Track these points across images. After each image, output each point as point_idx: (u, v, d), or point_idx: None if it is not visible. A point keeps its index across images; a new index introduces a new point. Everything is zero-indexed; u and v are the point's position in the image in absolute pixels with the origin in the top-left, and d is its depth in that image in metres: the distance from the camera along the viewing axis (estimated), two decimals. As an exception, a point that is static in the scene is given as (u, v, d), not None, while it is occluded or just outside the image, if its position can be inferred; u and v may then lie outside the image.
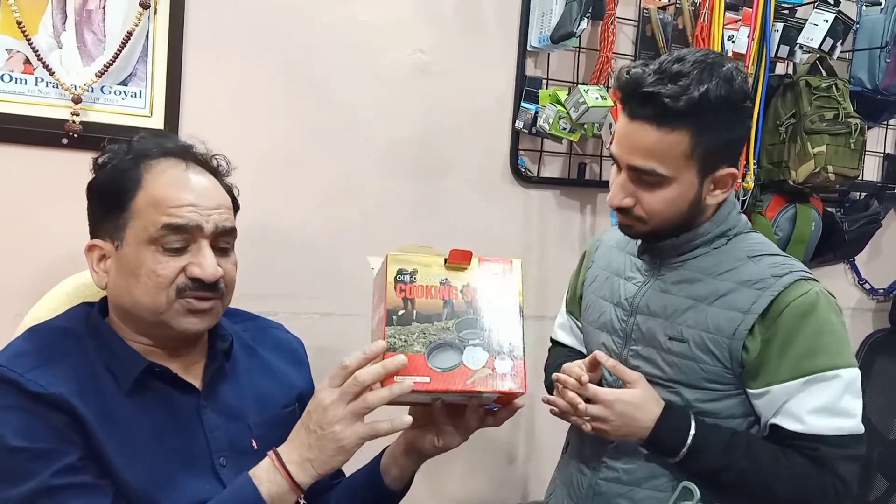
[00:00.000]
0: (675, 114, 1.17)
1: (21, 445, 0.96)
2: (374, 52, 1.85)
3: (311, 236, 1.81)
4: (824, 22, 2.01)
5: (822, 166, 2.12)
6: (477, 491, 2.09)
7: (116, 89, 1.60)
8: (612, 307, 1.37)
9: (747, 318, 1.22)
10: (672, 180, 1.21)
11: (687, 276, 1.29)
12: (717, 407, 1.27)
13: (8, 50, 1.52)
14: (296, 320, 1.79)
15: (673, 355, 1.27)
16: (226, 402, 1.15)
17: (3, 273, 1.56)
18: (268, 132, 1.77)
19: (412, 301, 1.03)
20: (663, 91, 1.17)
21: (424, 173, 1.94)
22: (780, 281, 1.23)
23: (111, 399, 1.04)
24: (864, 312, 2.63)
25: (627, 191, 1.24)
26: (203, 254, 1.06)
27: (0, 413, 0.98)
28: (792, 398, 1.20)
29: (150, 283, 1.05)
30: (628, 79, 1.21)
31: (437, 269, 1.06)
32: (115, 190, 1.08)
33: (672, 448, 1.24)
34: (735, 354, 1.23)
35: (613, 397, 1.24)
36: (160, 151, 1.11)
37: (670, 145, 1.19)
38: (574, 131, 1.95)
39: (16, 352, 1.05)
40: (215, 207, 1.09)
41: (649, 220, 1.25)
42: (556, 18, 1.90)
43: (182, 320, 1.07)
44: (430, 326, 1.02)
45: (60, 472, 0.96)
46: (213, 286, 1.07)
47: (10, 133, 1.53)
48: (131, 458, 1.02)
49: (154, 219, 1.05)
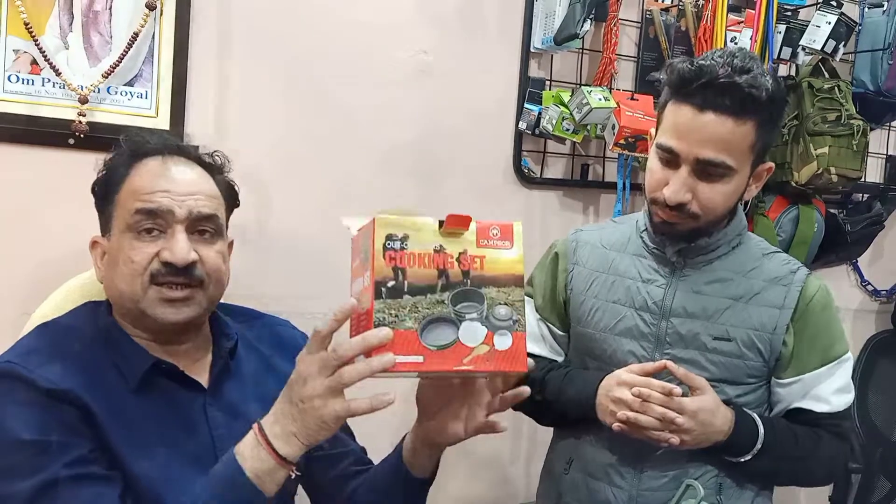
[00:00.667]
0: (755, 104, 1.19)
1: (32, 439, 0.98)
2: (377, 54, 1.86)
3: (314, 236, 1.82)
4: (827, 24, 2.02)
5: (825, 168, 2.12)
6: (480, 491, 2.09)
7: (122, 90, 1.61)
8: (632, 311, 1.35)
9: (783, 314, 1.31)
10: (736, 173, 1.24)
11: (718, 275, 1.33)
12: (750, 398, 1.34)
13: (15, 51, 1.53)
14: (299, 319, 1.79)
15: (719, 354, 1.31)
16: (230, 400, 1.16)
17: (10, 271, 1.58)
18: (272, 133, 1.78)
19: (403, 271, 0.92)
20: (740, 81, 1.18)
21: (428, 174, 1.94)
22: (797, 276, 1.34)
23: (119, 395, 1.06)
24: (866, 314, 2.63)
25: (689, 186, 1.24)
26: (175, 238, 1.08)
27: (11, 408, 1.00)
28: (820, 383, 1.33)
29: (127, 269, 1.08)
30: (694, 70, 1.21)
31: (430, 234, 0.95)
32: (106, 186, 1.14)
33: (743, 449, 1.29)
34: (776, 348, 1.32)
35: (696, 406, 1.24)
36: (153, 149, 1.15)
37: (742, 136, 1.22)
38: (577, 132, 1.96)
39: (26, 349, 1.08)
40: (191, 193, 1.11)
41: (703, 215, 1.26)
42: (559, 20, 1.91)
43: (158, 310, 1.08)
44: (424, 300, 0.92)
45: (71, 464, 0.98)
46: (186, 272, 1.08)
47: (17, 133, 1.55)
48: (139, 453, 1.04)
49: (130, 206, 1.09)
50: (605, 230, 1.48)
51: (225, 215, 1.19)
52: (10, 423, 0.99)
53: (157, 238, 1.09)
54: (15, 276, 1.58)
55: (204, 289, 1.11)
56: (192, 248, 1.09)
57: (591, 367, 1.41)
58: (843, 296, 2.58)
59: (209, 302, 1.14)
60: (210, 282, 1.12)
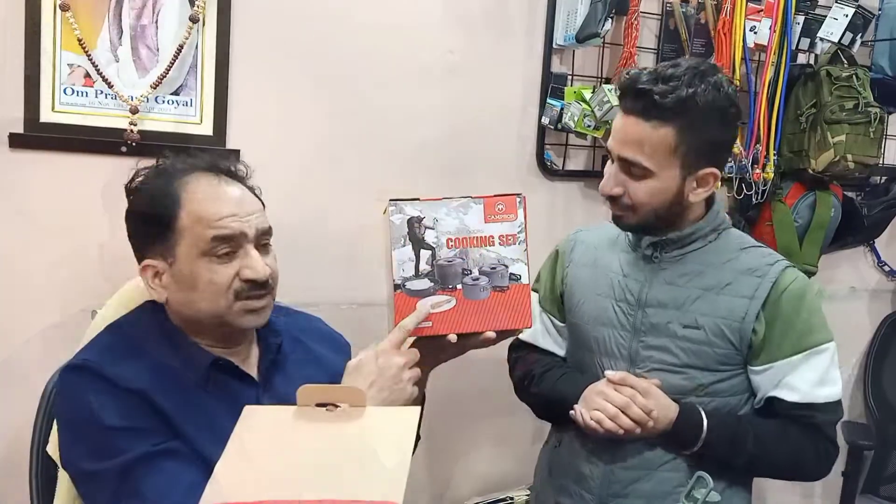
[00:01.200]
0: (663, 110, 1.28)
1: (121, 425, 1.09)
2: (406, 56, 1.94)
3: (348, 232, 1.92)
4: (844, 17, 2.06)
5: (842, 155, 2.17)
6: (503, 470, 2.20)
7: (169, 99, 1.71)
8: (612, 302, 1.45)
9: (753, 303, 1.36)
10: (655, 174, 1.32)
11: (690, 268, 1.40)
12: (724, 386, 1.40)
13: (70, 65, 1.63)
14: (336, 311, 1.91)
15: (688, 342, 1.38)
16: (279, 390, 1.26)
17: (71, 271, 1.69)
18: (308, 135, 1.87)
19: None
20: (654, 89, 1.28)
21: (455, 168, 2.03)
22: (773, 268, 1.38)
23: (187, 389, 1.17)
24: (882, 293, 2.69)
25: (618, 180, 1.36)
26: (251, 256, 1.18)
27: (96, 396, 1.10)
28: (791, 372, 1.36)
29: (209, 292, 1.16)
30: (626, 78, 1.33)
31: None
32: (158, 213, 1.17)
33: (688, 441, 1.36)
34: (745, 336, 1.36)
35: (647, 384, 1.35)
36: (188, 168, 1.21)
37: (657, 140, 1.30)
38: (598, 128, 2.02)
39: (101, 347, 1.19)
40: (252, 212, 1.20)
41: (636, 209, 1.35)
42: (581, 18, 1.96)
43: (242, 320, 1.19)
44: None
45: (157, 444, 1.09)
46: (264, 284, 1.19)
47: (73, 142, 1.65)
48: (210, 440, 1.12)
49: (202, 234, 1.15)
50: (601, 230, 1.57)
51: None
52: (96, 410, 1.09)
53: (232, 258, 1.18)
54: (74, 275, 1.70)
55: (273, 294, 1.23)
56: (265, 262, 1.19)
57: (585, 359, 1.51)
58: (860, 276, 2.64)
59: (274, 302, 1.26)
60: (274, 286, 1.24)
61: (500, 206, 1.22)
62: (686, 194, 1.35)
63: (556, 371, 1.52)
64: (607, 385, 1.36)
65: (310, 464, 0.93)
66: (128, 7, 1.65)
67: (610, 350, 1.45)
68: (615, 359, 1.44)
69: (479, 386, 2.07)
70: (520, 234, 1.22)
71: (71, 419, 1.13)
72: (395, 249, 1.21)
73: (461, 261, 1.21)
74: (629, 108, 1.32)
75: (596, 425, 1.34)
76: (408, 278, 1.21)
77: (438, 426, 2.05)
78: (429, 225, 1.21)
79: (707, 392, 1.39)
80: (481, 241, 1.21)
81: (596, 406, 1.35)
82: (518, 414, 2.20)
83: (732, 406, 1.41)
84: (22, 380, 1.64)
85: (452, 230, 1.21)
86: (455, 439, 2.16)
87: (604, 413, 1.33)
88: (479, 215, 1.22)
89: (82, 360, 1.15)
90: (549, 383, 1.51)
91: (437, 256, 1.21)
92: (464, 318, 1.21)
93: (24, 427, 1.39)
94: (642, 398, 1.33)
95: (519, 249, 1.22)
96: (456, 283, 1.21)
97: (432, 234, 1.21)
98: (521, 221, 1.22)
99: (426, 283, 1.21)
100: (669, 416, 1.35)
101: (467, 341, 1.23)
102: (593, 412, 1.35)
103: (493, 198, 1.22)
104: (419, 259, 1.21)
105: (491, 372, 1.77)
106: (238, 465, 0.94)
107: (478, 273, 1.21)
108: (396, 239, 1.21)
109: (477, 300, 1.21)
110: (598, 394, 1.36)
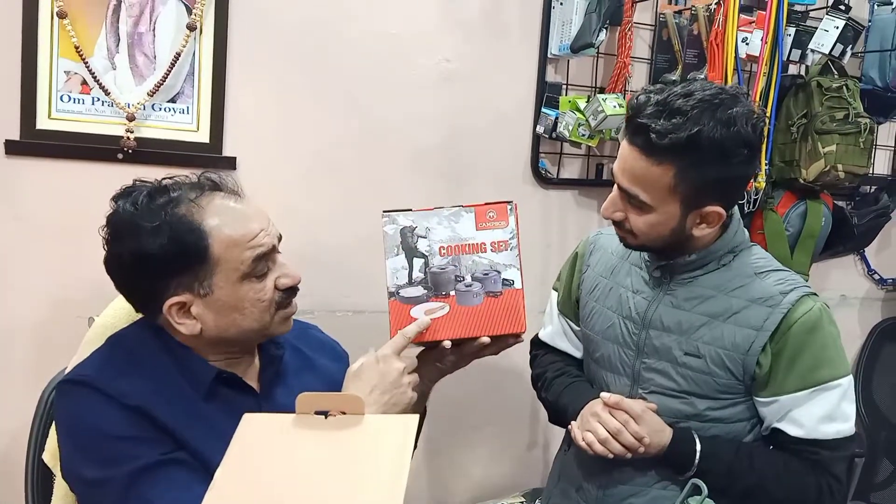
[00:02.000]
0: (660, 149, 1.21)
1: (127, 434, 1.08)
2: (403, 63, 1.95)
3: (344, 238, 1.93)
4: (835, 28, 2.08)
5: (832, 165, 2.18)
6: (500, 475, 2.21)
7: (166, 106, 1.71)
8: (619, 319, 1.42)
9: (761, 336, 1.30)
10: (654, 208, 1.27)
11: (699, 292, 1.35)
12: (725, 413, 1.36)
13: (66, 72, 1.64)
14: (331, 318, 1.92)
15: (688, 369, 1.34)
16: (279, 401, 1.26)
17: (66, 278, 1.70)
18: (304, 142, 1.88)
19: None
20: (653, 126, 1.20)
21: (451, 175, 2.04)
22: (788, 298, 1.30)
23: (191, 402, 1.15)
24: (873, 302, 2.71)
25: (618, 206, 1.32)
26: (283, 264, 1.20)
27: (99, 407, 1.09)
28: (797, 407, 1.30)
29: (257, 310, 1.17)
30: (634, 104, 1.26)
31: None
32: (183, 250, 1.11)
33: (681, 466, 1.34)
34: (749, 369, 1.31)
35: (641, 409, 1.33)
36: (193, 195, 1.15)
37: (655, 177, 1.23)
38: (593, 137, 2.04)
39: (101, 362, 1.17)
40: (269, 221, 1.20)
41: (637, 236, 1.32)
42: (575, 28, 1.98)
43: (282, 327, 1.22)
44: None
45: (166, 453, 1.08)
46: (296, 288, 1.22)
47: (70, 149, 1.66)
48: (217, 449, 1.10)
49: (241, 256, 1.13)
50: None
51: None
52: (101, 421, 1.08)
53: (269, 272, 1.18)
54: (69, 282, 1.70)
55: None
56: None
57: (593, 368, 1.50)
58: (850, 284, 2.67)
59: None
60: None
61: (492, 214, 1.24)
62: (688, 229, 1.29)
63: (565, 379, 1.52)
64: (603, 408, 1.34)
65: (309, 471, 0.94)
66: (125, 15, 1.66)
67: (615, 366, 1.43)
68: (619, 375, 1.42)
69: (477, 393, 2.08)
70: (511, 240, 1.24)
71: (74, 431, 1.12)
72: (388, 258, 1.24)
73: (454, 268, 1.23)
74: (630, 140, 1.25)
75: (587, 447, 1.33)
76: (401, 286, 1.24)
77: (437, 433, 2.06)
78: (421, 234, 1.23)
79: (710, 419, 1.36)
80: (473, 249, 1.23)
81: (589, 428, 1.34)
82: (515, 421, 2.22)
83: (736, 433, 1.37)
84: (18, 386, 1.64)
85: (445, 238, 1.24)
86: (453, 446, 2.16)
87: (595, 436, 1.32)
88: (470, 223, 1.24)
89: (81, 375, 1.13)
90: (555, 391, 1.51)
91: (430, 264, 1.23)
92: (458, 323, 1.23)
93: (19, 433, 1.39)
94: (635, 424, 1.30)
95: (511, 255, 1.24)
96: (449, 290, 1.23)
97: (425, 242, 1.24)
98: (513, 228, 1.24)
99: (419, 290, 1.23)
100: (663, 441, 1.32)
101: (464, 349, 1.24)
102: (585, 433, 1.34)
103: (484, 206, 1.25)
104: (412, 267, 1.24)
105: (489, 379, 1.79)
106: (237, 472, 0.94)
107: (470, 279, 1.23)
108: (390, 248, 1.23)
109: (470, 306, 1.24)
110: (592, 415, 1.35)
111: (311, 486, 0.92)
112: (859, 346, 2.69)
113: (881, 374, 2.67)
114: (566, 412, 1.43)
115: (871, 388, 2.66)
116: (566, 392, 1.48)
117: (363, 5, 1.89)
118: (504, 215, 1.24)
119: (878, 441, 2.58)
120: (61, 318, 1.68)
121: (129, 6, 1.66)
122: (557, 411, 1.50)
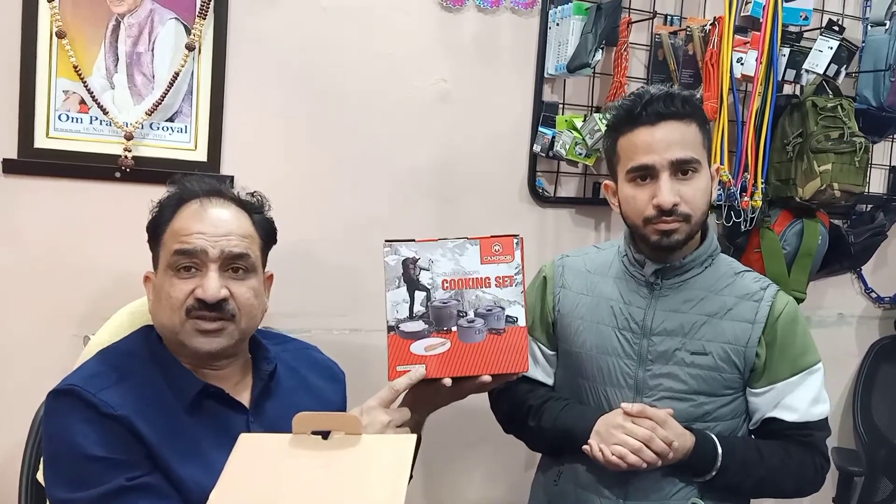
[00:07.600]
0: (692, 106, 1.37)
1: (100, 455, 1.09)
2: (400, 83, 1.96)
3: (341, 258, 1.93)
4: (829, 49, 2.10)
5: (828, 183, 2.19)
6: (495, 496, 2.20)
7: (164, 125, 1.72)
8: (615, 331, 1.44)
9: (755, 328, 1.40)
10: (702, 167, 1.38)
11: (691, 294, 1.42)
12: (726, 410, 1.43)
13: (65, 91, 1.64)
14: (328, 336, 1.92)
15: (697, 368, 1.40)
16: (271, 418, 1.26)
17: (63, 297, 1.69)
18: (301, 162, 1.88)
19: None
20: (673, 91, 1.37)
21: (448, 195, 2.05)
22: (767, 292, 1.44)
23: (172, 414, 1.17)
24: (870, 320, 2.71)
25: (674, 189, 1.35)
26: (208, 277, 1.18)
27: (79, 425, 1.11)
28: (790, 392, 1.41)
29: (167, 304, 1.19)
30: (633, 99, 1.38)
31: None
32: (155, 227, 1.25)
33: (704, 469, 1.37)
34: (749, 360, 1.41)
35: (664, 414, 1.34)
36: (194, 192, 1.25)
37: (693, 135, 1.38)
38: (590, 156, 2.05)
39: (89, 373, 1.19)
40: (224, 234, 1.21)
41: (692, 214, 1.36)
42: (571, 48, 1.99)
43: (193, 339, 1.19)
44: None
45: (133, 478, 1.09)
46: (218, 307, 1.18)
47: (68, 168, 1.66)
48: (188, 461, 1.14)
49: (171, 246, 1.20)
50: (587, 255, 1.57)
51: (260, 252, 1.29)
52: (78, 439, 1.10)
53: (193, 276, 1.19)
54: (67, 300, 1.69)
55: (235, 322, 1.21)
56: (223, 286, 1.19)
57: (583, 387, 1.48)
58: (847, 303, 2.67)
59: (241, 334, 1.24)
60: (241, 316, 1.22)
61: (497, 248, 1.20)
62: (711, 193, 1.42)
63: (556, 403, 1.49)
64: (625, 418, 1.33)
65: (305, 491, 0.93)
66: (124, 35, 1.67)
67: (615, 380, 1.43)
68: (620, 388, 1.43)
69: (473, 412, 2.07)
70: (517, 275, 1.19)
71: (53, 445, 1.14)
72: (389, 290, 1.19)
73: (456, 302, 1.19)
74: (661, 116, 1.35)
75: (619, 461, 1.31)
76: (402, 320, 1.19)
77: (432, 453, 2.04)
78: (424, 266, 1.19)
79: (713, 417, 1.41)
80: (477, 283, 1.19)
81: (616, 441, 1.32)
82: (511, 441, 2.21)
83: (733, 429, 1.44)
84: (12, 406, 1.63)
85: (448, 271, 1.19)
86: (449, 465, 2.15)
87: (626, 448, 1.30)
88: (475, 256, 1.19)
89: (68, 385, 1.16)
90: (550, 416, 1.47)
91: (432, 298, 1.19)
92: (459, 361, 1.19)
93: (13, 453, 1.38)
94: (662, 430, 1.31)
95: (516, 291, 1.19)
96: (451, 326, 1.19)
97: (427, 275, 1.19)
98: (518, 263, 1.20)
99: (420, 324, 1.19)
100: (687, 445, 1.34)
101: (463, 385, 1.21)
102: (614, 447, 1.31)
103: (489, 239, 1.20)
104: (413, 300, 1.19)
105: (485, 398, 1.77)
106: (233, 492, 0.94)
107: (473, 315, 1.19)
108: (391, 280, 1.19)
109: (472, 343, 1.19)
110: (616, 427, 1.33)
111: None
112: (857, 364, 2.68)
113: (879, 392, 2.66)
114: (572, 434, 1.41)
115: (870, 407, 2.65)
116: (564, 414, 1.45)
117: (360, 26, 1.90)
118: (510, 249, 1.20)
119: (876, 460, 2.57)
120: (57, 337, 1.68)
121: (129, 26, 1.67)
122: (557, 436, 1.46)
